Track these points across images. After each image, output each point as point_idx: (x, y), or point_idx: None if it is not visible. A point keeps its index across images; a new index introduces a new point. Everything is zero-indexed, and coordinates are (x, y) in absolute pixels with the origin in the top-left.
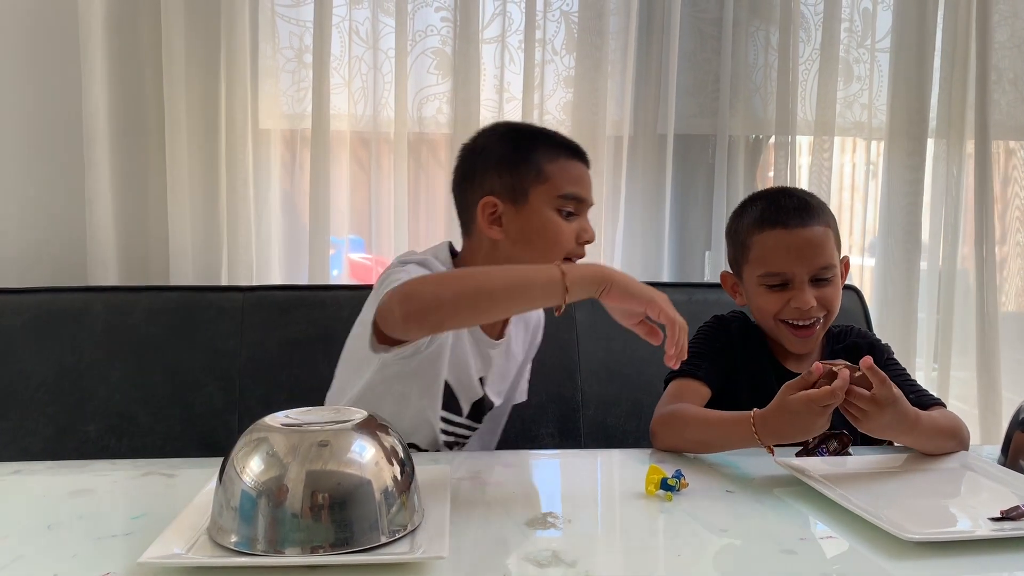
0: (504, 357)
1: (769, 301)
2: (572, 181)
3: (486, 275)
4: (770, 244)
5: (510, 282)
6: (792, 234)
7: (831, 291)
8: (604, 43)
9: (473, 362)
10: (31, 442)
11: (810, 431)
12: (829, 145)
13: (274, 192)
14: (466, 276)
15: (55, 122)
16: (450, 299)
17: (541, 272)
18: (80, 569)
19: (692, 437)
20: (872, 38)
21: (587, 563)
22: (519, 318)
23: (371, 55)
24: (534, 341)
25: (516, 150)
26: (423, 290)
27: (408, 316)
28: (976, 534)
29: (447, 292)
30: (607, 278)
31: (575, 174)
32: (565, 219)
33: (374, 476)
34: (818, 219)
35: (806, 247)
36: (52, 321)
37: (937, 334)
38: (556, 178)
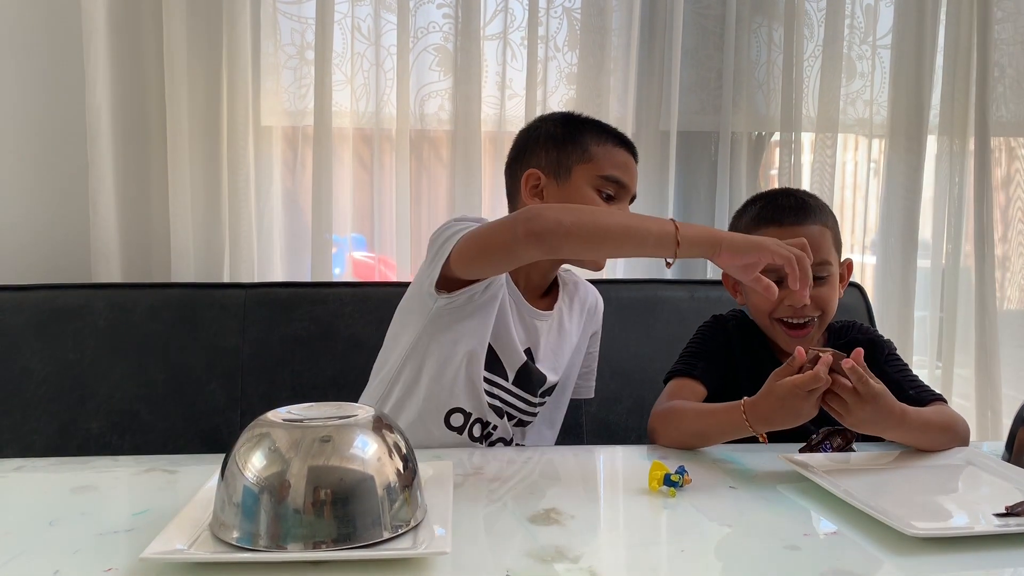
0: (556, 333)
1: (763, 298)
2: (615, 165)
3: (605, 213)
4: None
5: (626, 225)
6: (786, 231)
7: (826, 291)
8: (606, 40)
9: (516, 330)
10: (34, 439)
11: (798, 417)
12: (832, 142)
13: (276, 189)
14: (586, 210)
15: (58, 120)
16: (570, 225)
17: (656, 223)
18: (82, 565)
19: (688, 429)
20: (874, 35)
21: (590, 559)
22: (571, 296)
23: (373, 52)
24: (592, 323)
25: (566, 130)
26: (547, 213)
27: (530, 233)
28: (981, 530)
29: (568, 219)
30: (719, 240)
31: (619, 160)
32: (604, 201)
33: (376, 472)
34: (815, 218)
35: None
36: (54, 318)
37: (940, 332)
38: (600, 159)
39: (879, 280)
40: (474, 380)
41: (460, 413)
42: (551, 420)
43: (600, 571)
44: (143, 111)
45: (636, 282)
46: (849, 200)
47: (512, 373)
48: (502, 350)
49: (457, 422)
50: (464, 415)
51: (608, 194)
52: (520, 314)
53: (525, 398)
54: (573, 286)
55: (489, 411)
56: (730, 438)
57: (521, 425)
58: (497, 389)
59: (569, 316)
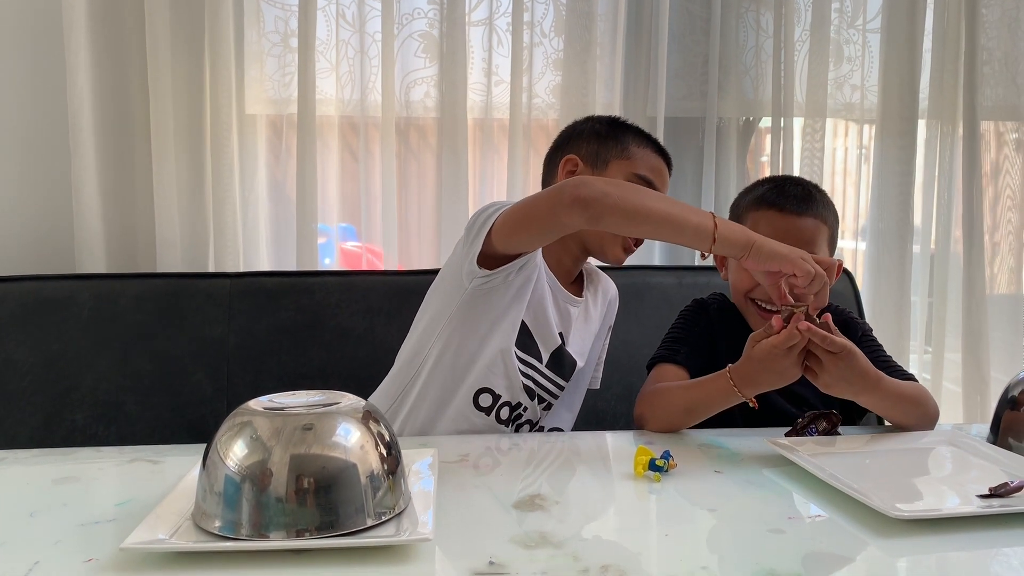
0: (583, 319)
1: (743, 278)
2: (650, 168)
3: (650, 195)
4: (760, 223)
5: (667, 210)
6: (784, 218)
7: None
8: (593, 25)
9: (552, 313)
10: (18, 431)
11: (782, 376)
12: (821, 127)
13: (261, 178)
14: (631, 187)
15: (40, 110)
16: (617, 198)
17: (697, 215)
18: (63, 555)
19: (678, 406)
20: (863, 18)
21: (574, 544)
22: (596, 286)
23: (357, 39)
24: (610, 314)
25: (610, 128)
26: (595, 183)
27: (576, 199)
28: (965, 511)
29: (614, 192)
30: (752, 243)
31: (655, 164)
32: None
33: (359, 459)
34: (815, 212)
35: (793, 234)
36: (39, 309)
37: (929, 317)
38: (637, 159)
39: (871, 266)
40: (506, 360)
41: (489, 394)
42: (570, 404)
43: (584, 556)
44: (126, 100)
45: (624, 268)
46: (840, 186)
47: (547, 355)
48: (539, 332)
49: (486, 402)
50: (493, 396)
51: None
52: (556, 299)
53: (556, 381)
54: (596, 276)
55: (522, 392)
56: (721, 407)
57: (548, 408)
58: (531, 370)
59: (594, 304)
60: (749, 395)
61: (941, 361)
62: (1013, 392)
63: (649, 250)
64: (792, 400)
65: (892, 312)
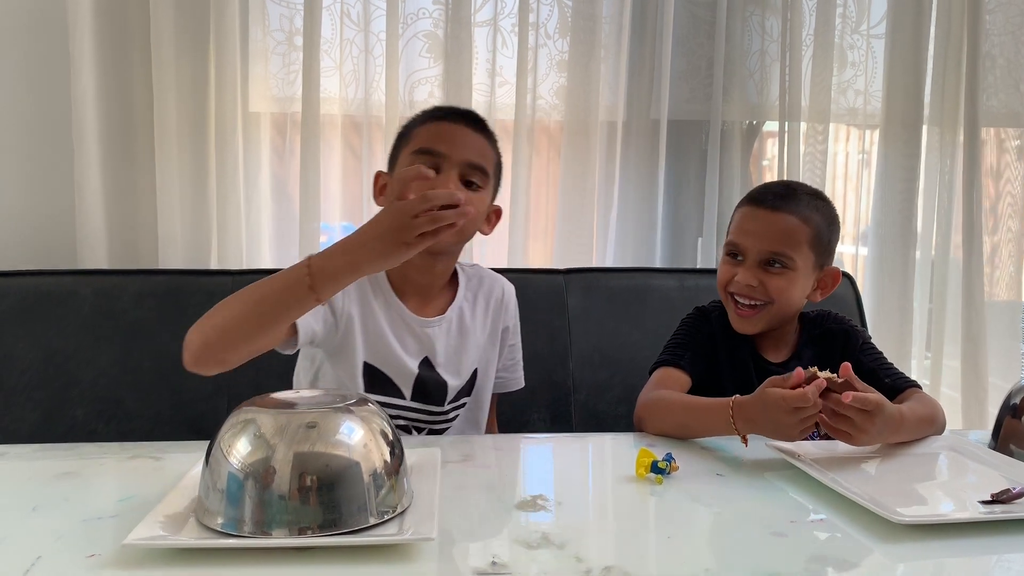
0: (456, 334)
1: (723, 270)
2: (426, 138)
3: (234, 297)
4: (738, 217)
5: (261, 290)
6: (760, 212)
7: (780, 282)
8: (597, 27)
9: (403, 343)
10: (17, 426)
11: (777, 430)
12: (824, 132)
13: (264, 176)
14: (216, 307)
15: (43, 105)
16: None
17: (291, 269)
18: (65, 550)
19: (674, 422)
20: (867, 23)
21: (577, 545)
22: (475, 292)
23: (362, 38)
24: (503, 317)
25: (408, 123)
26: (188, 337)
27: (192, 364)
28: (967, 517)
29: (196, 330)
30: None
31: (431, 131)
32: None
33: (362, 458)
34: (795, 210)
35: (766, 228)
36: (39, 304)
37: (929, 323)
38: (415, 138)
39: (873, 271)
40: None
41: None
42: (475, 421)
43: (586, 558)
44: (130, 96)
45: (626, 270)
46: (842, 190)
47: (408, 390)
48: (389, 370)
49: None
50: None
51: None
52: (407, 326)
53: (429, 410)
54: (477, 281)
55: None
56: (714, 435)
57: (436, 434)
58: (395, 409)
59: (472, 314)
60: (743, 432)
61: (940, 367)
62: (1014, 399)
63: (650, 252)
64: None
65: (894, 318)
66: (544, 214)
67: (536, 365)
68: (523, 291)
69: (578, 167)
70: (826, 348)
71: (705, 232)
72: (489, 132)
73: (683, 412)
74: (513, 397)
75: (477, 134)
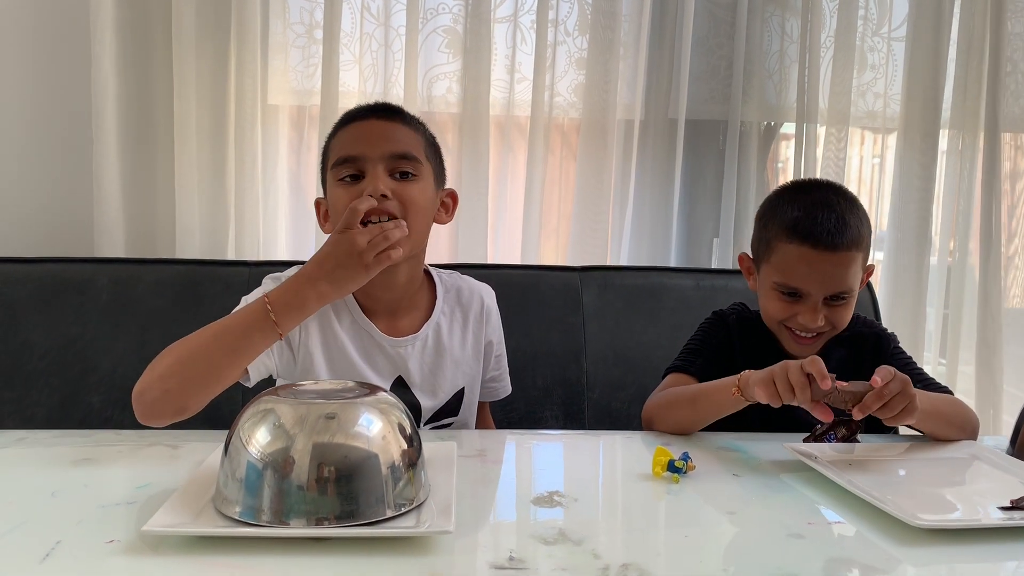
0: (432, 352)
1: (778, 308)
2: (341, 146)
3: (197, 333)
4: (793, 257)
5: (217, 329)
6: (819, 255)
7: (842, 311)
8: (617, 25)
9: (374, 364)
10: (35, 412)
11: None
12: (843, 134)
13: (282, 167)
14: (177, 344)
15: (64, 95)
16: (162, 372)
17: (249, 307)
18: (84, 536)
19: (682, 413)
20: (888, 26)
21: (593, 542)
22: (452, 307)
23: (382, 32)
24: (485, 331)
25: (324, 146)
26: (138, 386)
27: (143, 416)
28: (985, 522)
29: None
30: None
31: (345, 137)
32: (350, 183)
33: (381, 450)
34: (851, 242)
35: (829, 272)
36: (57, 292)
37: (944, 329)
38: (333, 151)
39: (888, 276)
40: None
41: None
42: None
43: (603, 554)
44: (149, 87)
45: (641, 269)
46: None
47: None
48: None
49: None
50: None
51: (350, 176)
52: (378, 346)
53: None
54: (455, 293)
55: None
56: (721, 410)
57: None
58: None
59: (449, 331)
60: (745, 390)
61: (955, 373)
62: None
63: (665, 252)
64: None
65: (908, 323)
66: (558, 212)
67: (550, 363)
68: (537, 288)
69: (594, 165)
70: (855, 350)
71: (721, 233)
72: (407, 117)
73: (689, 398)
74: (527, 394)
75: (393, 123)
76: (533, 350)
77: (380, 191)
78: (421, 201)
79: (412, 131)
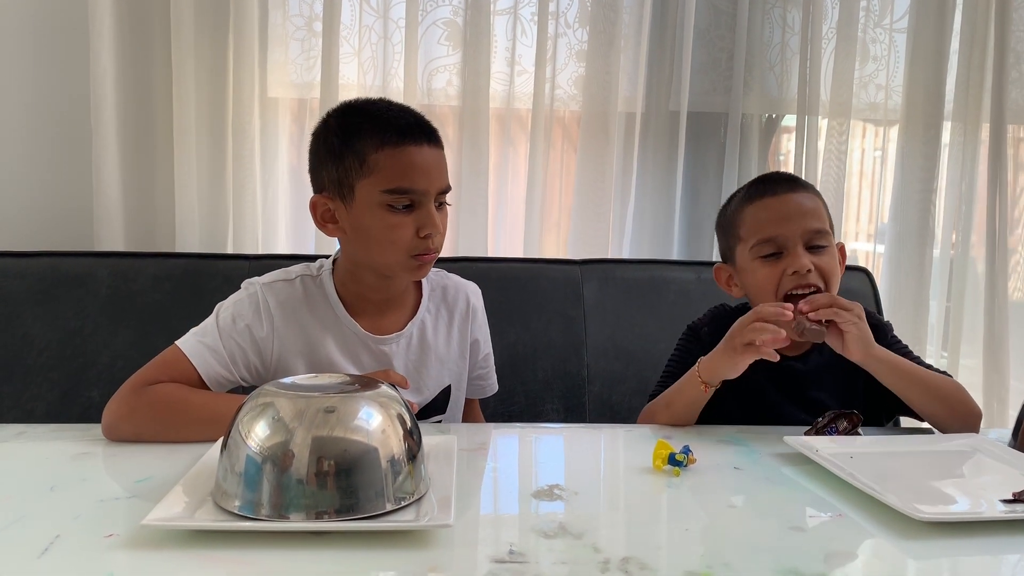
0: (416, 350)
1: (765, 274)
2: (396, 175)
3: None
4: (759, 213)
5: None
6: (781, 199)
7: (828, 260)
8: (618, 17)
9: (358, 362)
10: (35, 406)
11: (727, 340)
12: (844, 126)
13: (281, 161)
14: (164, 412)
15: (63, 88)
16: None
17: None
18: (83, 530)
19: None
20: (890, 17)
21: (594, 535)
22: (438, 305)
23: (381, 24)
24: (470, 329)
25: (344, 135)
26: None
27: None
28: (987, 515)
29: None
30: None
31: (400, 163)
32: (401, 212)
33: (380, 443)
34: (806, 187)
35: (796, 210)
36: (57, 285)
37: (947, 321)
38: (379, 171)
39: (890, 268)
40: None
41: None
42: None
43: (604, 548)
44: (148, 79)
45: (642, 262)
46: (857, 186)
47: None
48: None
49: None
50: None
51: (404, 205)
52: (362, 343)
53: None
54: (441, 292)
55: None
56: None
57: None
58: None
59: (435, 329)
60: (704, 375)
61: (956, 367)
62: None
63: (667, 244)
64: (809, 408)
65: (910, 316)
66: (559, 205)
67: (551, 356)
68: (538, 281)
69: (596, 158)
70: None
71: None
72: (440, 140)
73: (664, 404)
74: (528, 387)
75: (439, 151)
76: (534, 343)
77: (439, 231)
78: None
79: (444, 156)
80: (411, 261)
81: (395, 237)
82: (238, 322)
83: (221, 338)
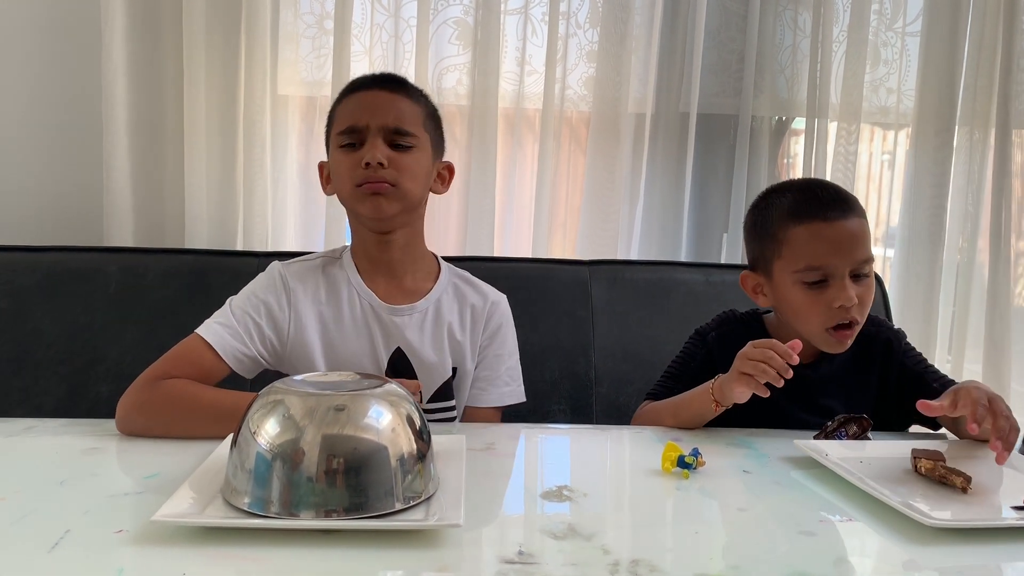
0: (432, 323)
1: (808, 302)
2: (346, 116)
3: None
4: (810, 239)
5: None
6: (833, 227)
7: (868, 289)
8: (629, 18)
9: (367, 338)
10: (43, 400)
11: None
12: (855, 129)
13: (291, 158)
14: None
15: (74, 84)
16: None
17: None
18: (93, 525)
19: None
20: (903, 20)
21: (603, 537)
22: (455, 290)
23: (392, 23)
24: (485, 327)
25: (330, 110)
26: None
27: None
28: (999, 522)
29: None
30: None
31: (350, 106)
32: (344, 152)
33: (390, 442)
34: (856, 211)
35: (848, 240)
36: (66, 280)
37: (952, 326)
38: (337, 119)
39: (900, 273)
40: None
41: None
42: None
43: (613, 550)
44: (160, 76)
45: (651, 264)
46: (867, 189)
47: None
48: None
49: None
50: None
51: (350, 143)
52: (376, 315)
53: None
54: (464, 282)
55: None
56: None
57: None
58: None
59: (450, 309)
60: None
61: (961, 371)
62: None
63: (675, 246)
64: (820, 416)
65: (920, 320)
66: (568, 205)
67: (558, 357)
68: (546, 282)
69: (605, 158)
70: (862, 349)
71: (731, 228)
72: (410, 88)
73: (671, 411)
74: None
75: (395, 95)
76: (541, 344)
77: (377, 159)
78: (415, 169)
79: (413, 103)
80: (359, 190)
81: (341, 171)
82: (253, 298)
83: (235, 314)
